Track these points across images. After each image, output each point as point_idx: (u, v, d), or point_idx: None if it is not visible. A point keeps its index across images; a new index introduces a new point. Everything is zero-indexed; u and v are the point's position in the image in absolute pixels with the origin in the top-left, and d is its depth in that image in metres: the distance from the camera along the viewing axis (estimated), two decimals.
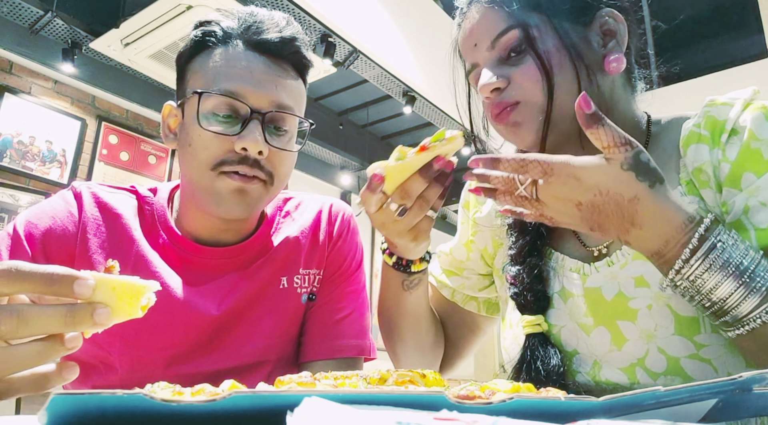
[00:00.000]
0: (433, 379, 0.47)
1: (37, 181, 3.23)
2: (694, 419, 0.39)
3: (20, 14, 2.99)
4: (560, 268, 0.74)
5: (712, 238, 0.53)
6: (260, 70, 0.79)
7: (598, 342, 0.68)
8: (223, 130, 0.76)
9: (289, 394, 0.30)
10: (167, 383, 0.40)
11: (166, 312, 0.80)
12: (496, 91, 0.72)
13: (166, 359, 0.81)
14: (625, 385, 0.65)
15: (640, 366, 0.64)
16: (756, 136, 0.62)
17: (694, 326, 0.62)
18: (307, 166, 4.86)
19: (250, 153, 0.76)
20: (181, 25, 2.86)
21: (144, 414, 0.30)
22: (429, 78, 3.86)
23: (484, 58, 0.73)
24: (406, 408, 0.31)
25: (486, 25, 0.71)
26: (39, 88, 3.31)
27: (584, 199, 0.55)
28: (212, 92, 0.76)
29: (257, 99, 0.77)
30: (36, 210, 0.82)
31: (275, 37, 0.81)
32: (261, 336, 0.87)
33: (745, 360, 0.60)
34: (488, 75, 0.71)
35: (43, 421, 0.29)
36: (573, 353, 0.70)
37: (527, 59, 0.69)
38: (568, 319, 0.72)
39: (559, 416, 0.33)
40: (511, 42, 0.70)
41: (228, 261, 0.87)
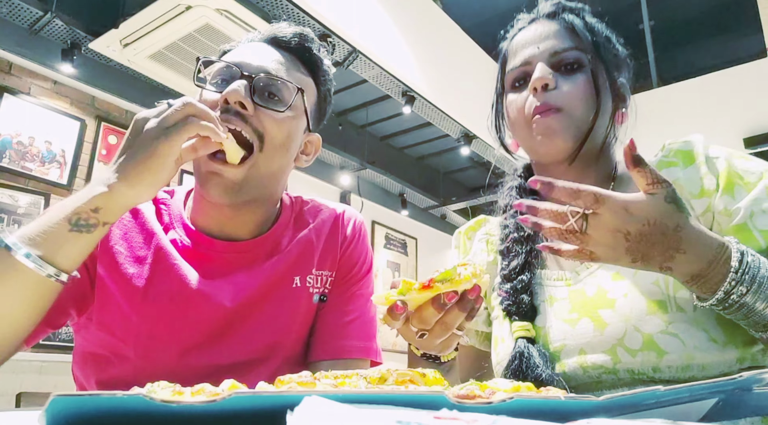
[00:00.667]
0: (433, 378, 0.47)
1: (37, 181, 3.23)
2: (694, 418, 0.39)
3: (19, 15, 2.99)
4: (546, 281, 0.85)
5: (746, 258, 0.62)
6: (267, 52, 0.87)
7: (583, 331, 0.76)
8: (217, 88, 0.83)
9: (289, 394, 0.30)
10: (167, 383, 0.40)
11: (181, 304, 0.83)
12: (544, 89, 0.81)
13: (179, 350, 0.83)
14: (609, 366, 0.73)
15: (620, 346, 0.73)
16: (732, 164, 0.76)
17: (662, 307, 0.72)
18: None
19: (230, 102, 0.80)
20: (181, 25, 2.86)
21: (144, 415, 0.30)
22: (428, 78, 3.86)
23: (542, 59, 0.83)
24: (407, 408, 0.31)
25: (554, 37, 0.84)
26: (38, 89, 3.31)
27: (633, 229, 0.60)
28: (209, 59, 0.85)
29: (250, 67, 0.83)
30: None
31: (285, 32, 0.90)
32: (272, 331, 0.88)
33: (708, 335, 0.69)
34: (544, 70, 0.81)
35: (43, 421, 0.29)
36: (561, 347, 0.78)
37: (577, 77, 0.81)
38: (555, 319, 0.80)
39: (559, 415, 0.33)
40: (570, 58, 0.82)
41: (240, 256, 0.89)
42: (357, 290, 0.96)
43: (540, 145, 0.82)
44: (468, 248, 0.99)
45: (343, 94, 4.74)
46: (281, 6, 2.93)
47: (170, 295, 0.84)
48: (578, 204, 0.61)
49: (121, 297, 0.83)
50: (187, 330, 0.84)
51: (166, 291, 0.84)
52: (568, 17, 0.86)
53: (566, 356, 0.77)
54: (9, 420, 0.40)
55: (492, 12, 5.01)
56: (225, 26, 2.86)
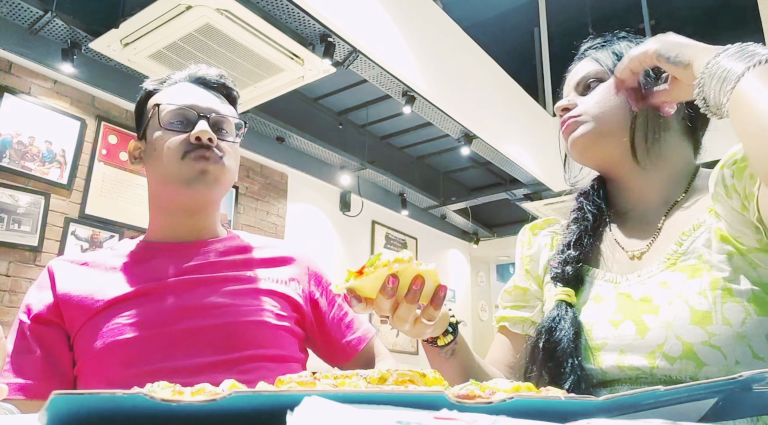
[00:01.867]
0: (433, 378, 0.47)
1: (37, 181, 3.23)
2: (694, 418, 0.39)
3: (19, 14, 2.99)
4: (596, 280, 0.87)
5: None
6: (201, 92, 1.05)
7: (625, 333, 0.77)
8: (180, 129, 0.99)
9: (289, 394, 0.30)
10: (167, 383, 0.40)
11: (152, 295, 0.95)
12: (566, 111, 0.90)
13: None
14: (646, 369, 0.73)
15: (659, 352, 0.72)
16: None
17: (707, 318, 0.70)
18: (306, 165, 4.86)
19: (202, 139, 0.97)
20: (181, 25, 2.85)
21: (144, 414, 0.30)
22: (428, 78, 3.86)
23: (568, 93, 0.94)
24: (407, 408, 0.31)
25: (582, 69, 0.93)
26: (38, 88, 3.31)
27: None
28: (170, 104, 1.00)
29: (202, 108, 1.01)
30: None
31: (207, 73, 1.08)
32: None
33: (752, 352, 0.67)
34: (564, 100, 0.92)
35: (43, 421, 0.29)
36: (602, 344, 0.79)
37: (597, 88, 0.88)
38: (600, 316, 0.81)
39: (559, 415, 0.33)
40: (589, 79, 0.90)
41: (192, 253, 1.02)
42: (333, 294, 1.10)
43: (572, 151, 0.90)
44: (532, 243, 1.01)
45: (343, 94, 4.75)
46: (281, 6, 2.93)
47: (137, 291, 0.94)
48: None
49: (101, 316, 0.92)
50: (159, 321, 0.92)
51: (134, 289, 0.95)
52: (593, 51, 0.93)
53: (605, 353, 0.78)
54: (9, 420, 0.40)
55: (492, 12, 5.01)
56: (225, 26, 2.86)
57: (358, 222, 5.45)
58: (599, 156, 0.88)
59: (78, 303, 0.92)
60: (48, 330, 0.92)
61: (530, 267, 0.98)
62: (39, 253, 3.17)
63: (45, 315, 0.92)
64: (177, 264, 0.99)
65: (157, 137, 0.99)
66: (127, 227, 3.59)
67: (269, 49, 3.03)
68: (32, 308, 0.94)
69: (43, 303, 0.94)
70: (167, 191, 1.00)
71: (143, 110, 1.08)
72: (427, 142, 5.67)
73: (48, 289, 0.96)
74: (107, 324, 0.90)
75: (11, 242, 3.06)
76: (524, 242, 1.03)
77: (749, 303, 0.68)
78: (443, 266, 6.61)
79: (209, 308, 0.93)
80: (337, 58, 3.28)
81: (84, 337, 0.91)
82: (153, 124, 1.01)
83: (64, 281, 0.96)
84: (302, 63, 3.18)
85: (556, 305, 0.85)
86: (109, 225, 3.52)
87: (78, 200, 3.41)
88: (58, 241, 3.27)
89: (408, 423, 0.27)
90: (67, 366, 0.92)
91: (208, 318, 0.92)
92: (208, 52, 3.05)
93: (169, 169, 0.97)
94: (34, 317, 0.93)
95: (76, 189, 3.41)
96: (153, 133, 1.01)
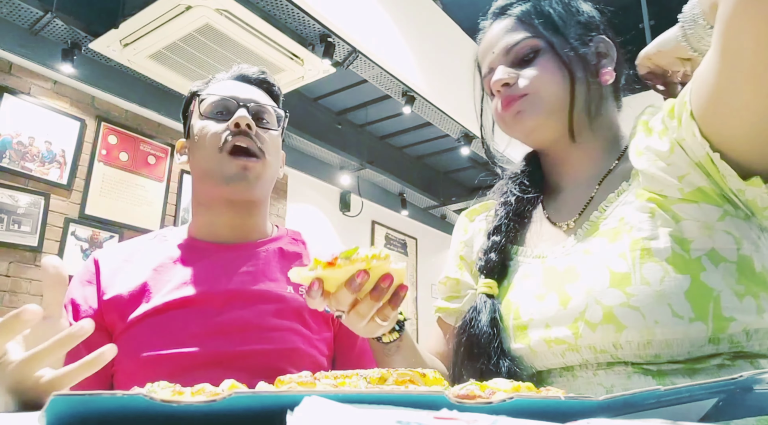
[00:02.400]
0: (433, 378, 0.47)
1: (37, 181, 3.23)
2: (694, 418, 0.39)
3: (19, 15, 2.99)
4: (523, 258, 0.86)
5: None
6: (243, 86, 1.05)
7: (549, 306, 0.75)
8: (220, 118, 0.98)
9: (289, 394, 0.30)
10: (167, 383, 0.40)
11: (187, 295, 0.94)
12: (506, 86, 0.83)
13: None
14: (570, 340, 0.72)
15: (581, 320, 0.71)
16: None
17: (626, 280, 0.69)
18: (305, 165, 4.86)
19: (241, 125, 0.96)
20: (181, 25, 2.85)
21: (144, 415, 0.30)
22: (428, 78, 3.86)
23: (499, 62, 0.85)
24: (407, 408, 0.31)
25: (504, 34, 0.85)
26: (38, 89, 3.31)
27: None
28: (210, 94, 1.01)
29: (242, 99, 1.00)
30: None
31: (250, 71, 1.08)
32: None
33: (671, 310, 0.65)
34: (501, 72, 0.84)
35: (43, 421, 0.29)
36: (529, 321, 0.77)
37: (536, 63, 0.82)
38: (526, 294, 0.80)
39: (559, 415, 0.33)
40: (524, 50, 0.83)
41: (238, 256, 0.99)
42: None
43: (516, 130, 0.85)
44: (467, 229, 0.99)
45: (343, 94, 4.74)
46: (281, 6, 2.93)
47: (175, 290, 0.93)
48: None
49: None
50: (194, 318, 0.90)
51: (173, 288, 0.93)
52: (516, 9, 0.86)
53: (532, 329, 0.77)
54: (9, 420, 0.40)
55: None
56: (225, 26, 2.86)
57: (358, 223, 5.45)
58: (546, 136, 0.85)
59: (120, 308, 0.91)
60: (94, 334, 0.90)
61: (465, 253, 0.96)
62: (39, 254, 3.17)
63: (90, 316, 0.91)
64: (221, 272, 0.96)
65: (198, 128, 0.99)
66: (127, 227, 3.59)
67: (269, 49, 3.03)
68: (78, 308, 0.92)
69: (87, 302, 0.93)
70: (208, 187, 0.99)
71: (187, 109, 1.07)
72: (427, 142, 5.67)
73: (92, 286, 0.94)
74: (145, 335, 0.88)
75: (11, 242, 3.06)
76: (460, 228, 1.01)
77: (668, 263, 0.67)
78: (443, 266, 6.59)
79: (248, 330, 0.90)
80: (336, 58, 3.28)
81: (122, 345, 0.89)
82: (196, 116, 1.01)
83: (108, 279, 0.95)
84: (302, 63, 3.18)
85: (477, 299, 0.84)
86: (109, 225, 3.52)
87: (78, 200, 3.41)
88: (57, 241, 3.27)
89: (408, 423, 0.27)
90: (107, 367, 0.91)
91: (247, 342, 0.89)
92: (207, 52, 3.05)
93: (209, 163, 0.96)
94: (82, 319, 0.91)
95: (75, 189, 3.41)
96: (195, 125, 1.00)
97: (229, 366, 0.86)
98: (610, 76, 0.84)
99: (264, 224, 1.06)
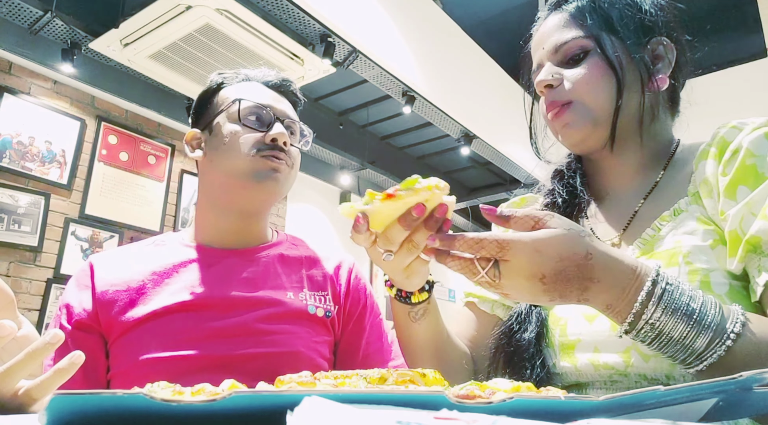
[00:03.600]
0: (433, 378, 0.47)
1: (37, 181, 3.23)
2: (694, 418, 0.39)
3: (19, 14, 2.99)
4: None
5: (660, 283, 0.57)
6: (275, 95, 1.05)
7: (599, 329, 0.72)
8: (257, 127, 0.99)
9: (289, 394, 0.30)
10: (167, 383, 0.40)
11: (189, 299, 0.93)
12: (549, 88, 0.80)
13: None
14: (620, 368, 0.70)
15: (634, 349, 0.69)
16: (753, 153, 0.68)
17: None
18: (306, 166, 4.86)
19: (278, 141, 0.98)
20: (181, 25, 2.85)
21: (144, 414, 0.30)
22: (428, 78, 3.86)
23: (548, 60, 0.81)
24: (407, 408, 0.31)
25: (555, 30, 0.81)
26: (38, 89, 3.31)
27: (548, 270, 0.56)
28: (250, 100, 1.00)
29: (278, 110, 1.02)
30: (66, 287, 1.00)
31: (277, 78, 1.08)
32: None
33: None
34: (546, 72, 0.80)
35: (43, 421, 0.29)
36: (576, 341, 0.75)
37: (584, 65, 0.78)
38: (574, 311, 0.77)
39: (559, 416, 0.33)
40: (573, 50, 0.79)
41: (239, 260, 1.00)
42: (368, 320, 1.05)
43: (563, 141, 0.82)
44: None
45: (344, 94, 4.74)
46: (281, 6, 2.93)
47: (178, 294, 0.93)
48: (484, 254, 0.57)
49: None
50: (194, 323, 0.90)
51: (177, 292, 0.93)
52: (572, 4, 0.81)
53: (580, 351, 0.74)
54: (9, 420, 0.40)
55: (492, 12, 5.00)
56: (225, 26, 2.86)
57: None
58: (591, 144, 0.81)
59: (116, 313, 0.90)
60: (87, 337, 0.91)
61: None
62: (39, 253, 3.17)
63: (85, 320, 0.91)
64: (221, 277, 0.96)
65: (231, 131, 0.97)
66: (127, 227, 3.59)
67: (269, 49, 3.03)
68: (72, 311, 0.92)
69: (82, 306, 0.92)
70: (231, 185, 0.97)
71: (211, 101, 1.05)
72: (428, 142, 5.67)
73: (88, 290, 0.94)
74: (144, 338, 0.88)
75: (11, 242, 3.06)
76: None
77: (726, 297, 0.65)
78: (444, 266, 6.57)
79: (248, 334, 0.90)
80: (337, 58, 3.28)
81: (119, 349, 0.89)
82: (228, 116, 0.99)
83: (104, 283, 0.94)
84: (302, 63, 3.18)
85: (521, 306, 0.81)
86: (109, 225, 3.52)
87: (78, 200, 3.41)
88: (58, 241, 3.27)
89: (408, 423, 0.27)
90: (102, 373, 0.91)
91: (247, 345, 0.89)
92: (208, 52, 3.05)
93: (238, 162, 0.95)
94: (75, 323, 0.91)
95: (76, 189, 3.41)
96: (225, 126, 0.99)
97: (229, 369, 0.85)
98: (663, 83, 0.78)
99: (265, 230, 1.06)
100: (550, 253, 0.56)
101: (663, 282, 0.57)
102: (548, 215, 0.58)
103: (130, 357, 0.87)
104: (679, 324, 0.56)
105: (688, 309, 0.56)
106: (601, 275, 0.57)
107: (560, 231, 0.57)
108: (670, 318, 0.56)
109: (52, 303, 3.14)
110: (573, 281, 0.57)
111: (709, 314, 0.56)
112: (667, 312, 0.56)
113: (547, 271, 0.56)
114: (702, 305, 0.57)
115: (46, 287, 3.17)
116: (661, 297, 0.56)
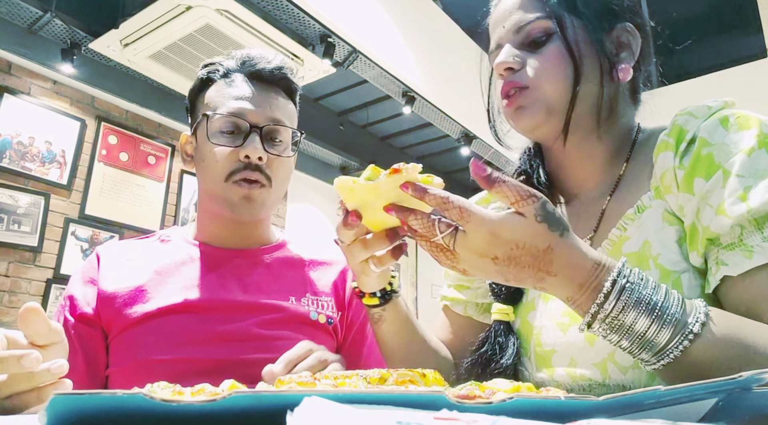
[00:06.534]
0: (433, 379, 0.47)
1: (37, 181, 3.23)
2: (694, 418, 0.39)
3: (19, 14, 2.99)
4: None
5: (620, 280, 0.55)
6: (255, 93, 0.96)
7: (573, 340, 0.71)
8: (228, 143, 0.92)
9: (289, 394, 0.30)
10: (167, 383, 0.40)
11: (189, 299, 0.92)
12: (509, 71, 0.75)
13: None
14: (598, 380, 0.68)
15: (610, 361, 0.67)
16: (707, 141, 0.65)
17: None
18: (306, 166, 4.86)
19: (252, 159, 0.91)
20: (181, 25, 2.86)
21: (144, 414, 0.30)
22: (428, 78, 3.86)
23: (508, 40, 0.76)
24: (407, 408, 0.31)
25: (517, 9, 0.76)
26: (38, 89, 3.31)
27: (501, 253, 0.55)
28: (218, 114, 0.93)
29: (254, 116, 0.93)
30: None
31: (266, 67, 0.98)
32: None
33: None
34: (507, 53, 0.75)
35: (43, 421, 0.29)
36: (551, 351, 0.73)
37: (545, 50, 0.73)
38: (548, 319, 0.75)
39: (559, 416, 0.33)
40: (536, 31, 0.74)
41: (241, 261, 0.99)
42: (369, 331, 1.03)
43: (515, 125, 0.78)
44: None
45: (344, 95, 4.74)
46: (281, 6, 2.93)
47: (177, 292, 0.92)
48: (448, 215, 0.56)
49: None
50: (195, 323, 0.90)
51: (176, 290, 0.93)
52: None
53: (556, 363, 0.73)
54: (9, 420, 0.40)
55: None
56: (225, 26, 2.86)
57: None
58: (544, 132, 0.76)
59: (117, 309, 0.90)
60: (90, 331, 0.91)
61: None
62: (39, 254, 3.17)
63: (88, 314, 0.91)
64: (224, 279, 0.95)
65: (206, 149, 0.94)
66: (127, 227, 3.59)
67: (269, 49, 3.04)
68: (76, 303, 0.92)
69: (86, 299, 0.92)
70: (212, 205, 0.97)
71: (195, 102, 1.01)
72: (427, 143, 5.67)
73: (92, 284, 0.94)
74: (143, 337, 0.88)
75: (11, 242, 3.06)
76: None
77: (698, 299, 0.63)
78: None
79: (249, 339, 0.90)
80: (337, 59, 3.28)
81: (120, 346, 0.89)
82: (201, 129, 0.96)
83: (108, 278, 0.94)
84: (302, 63, 3.18)
85: (493, 326, 0.79)
86: (109, 225, 3.52)
87: (78, 200, 3.41)
88: (57, 242, 3.27)
89: (408, 423, 0.27)
90: (102, 367, 0.91)
91: (247, 350, 0.89)
92: (208, 53, 3.05)
93: (214, 187, 0.94)
94: (79, 316, 0.91)
95: (75, 189, 3.41)
96: (201, 140, 0.96)
97: (228, 373, 0.84)
98: (627, 74, 0.74)
99: (267, 231, 1.05)
100: (506, 238, 0.54)
101: (625, 278, 0.55)
102: (533, 199, 0.55)
103: (129, 355, 0.87)
104: (640, 317, 0.54)
105: (651, 302, 0.54)
106: (558, 270, 0.55)
107: (527, 220, 0.54)
108: (632, 310, 0.54)
109: (52, 304, 3.14)
110: (527, 269, 0.55)
111: (672, 306, 0.54)
112: (629, 304, 0.54)
113: (499, 254, 0.55)
114: (665, 298, 0.55)
115: (45, 287, 3.17)
116: (623, 290, 0.54)
